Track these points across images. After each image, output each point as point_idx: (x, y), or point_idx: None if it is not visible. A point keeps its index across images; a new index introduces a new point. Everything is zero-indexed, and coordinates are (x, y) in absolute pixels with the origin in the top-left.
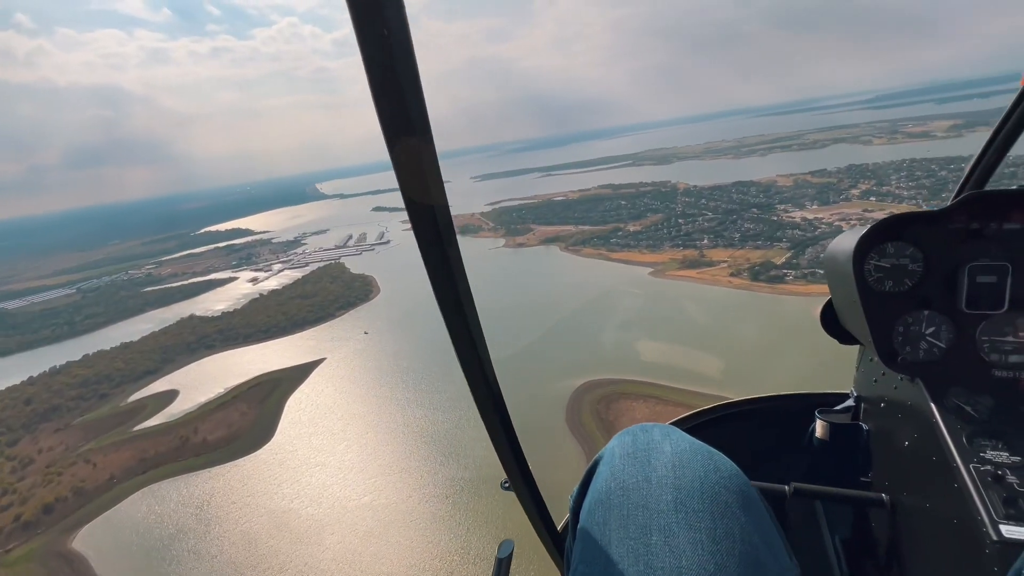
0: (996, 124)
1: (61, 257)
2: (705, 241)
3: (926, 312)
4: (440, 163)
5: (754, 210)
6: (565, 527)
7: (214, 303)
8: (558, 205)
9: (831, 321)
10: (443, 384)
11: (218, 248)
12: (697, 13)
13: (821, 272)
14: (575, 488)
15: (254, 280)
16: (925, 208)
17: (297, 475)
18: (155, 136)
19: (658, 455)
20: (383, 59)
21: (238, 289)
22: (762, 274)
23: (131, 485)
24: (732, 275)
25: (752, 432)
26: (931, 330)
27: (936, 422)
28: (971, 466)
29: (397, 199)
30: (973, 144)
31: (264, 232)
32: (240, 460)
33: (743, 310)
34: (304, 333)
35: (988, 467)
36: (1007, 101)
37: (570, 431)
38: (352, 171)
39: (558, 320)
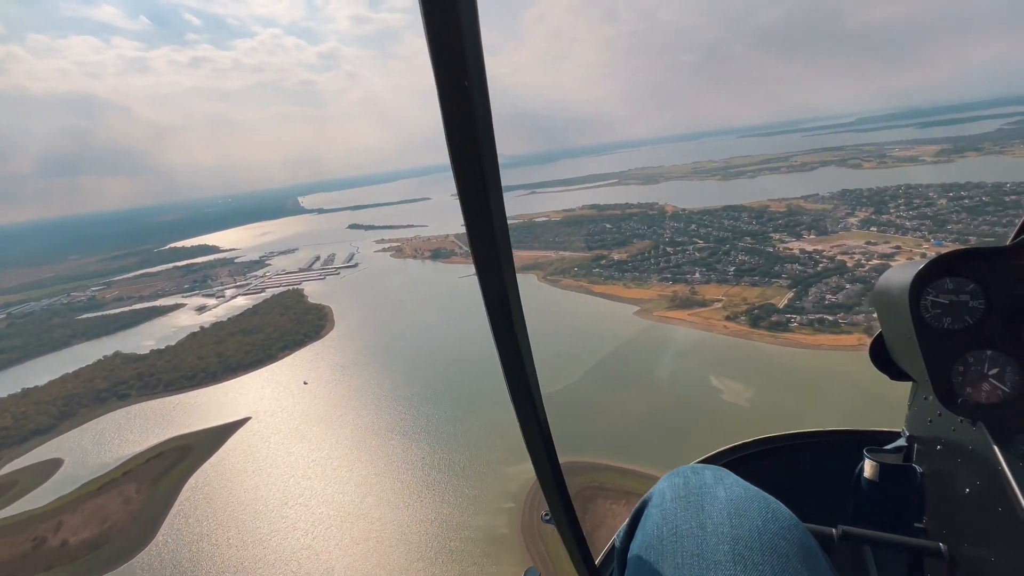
0: None
1: (12, 273)
2: (696, 275)
3: (989, 352)
4: (420, 179)
5: (747, 239)
6: (603, 562)
7: (147, 337)
8: (539, 227)
9: (881, 356)
10: (379, 466)
11: (176, 267)
12: (685, 32)
13: (830, 319)
14: (621, 528)
15: (202, 308)
16: (985, 245)
17: None
18: (134, 146)
19: (712, 500)
20: (454, 66)
21: (179, 320)
22: (763, 319)
23: None
24: (728, 318)
25: (793, 469)
26: (995, 371)
27: (1002, 469)
28: None
29: (375, 216)
30: (965, 170)
31: (230, 250)
32: None
33: (744, 367)
34: (236, 380)
35: None
36: (991, 127)
37: (523, 544)
38: (338, 184)
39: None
